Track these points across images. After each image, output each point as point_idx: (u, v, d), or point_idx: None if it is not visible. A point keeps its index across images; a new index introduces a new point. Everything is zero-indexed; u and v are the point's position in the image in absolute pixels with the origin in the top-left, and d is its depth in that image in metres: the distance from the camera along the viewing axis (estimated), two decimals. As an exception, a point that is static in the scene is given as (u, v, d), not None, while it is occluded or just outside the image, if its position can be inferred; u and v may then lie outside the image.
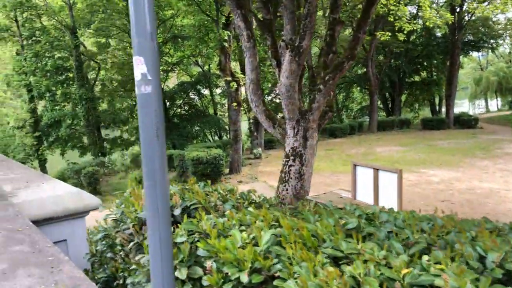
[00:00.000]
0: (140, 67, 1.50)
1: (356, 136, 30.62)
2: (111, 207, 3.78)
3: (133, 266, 2.43)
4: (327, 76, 11.43)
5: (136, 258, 2.33)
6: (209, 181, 3.50)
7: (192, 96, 31.55)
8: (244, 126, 34.65)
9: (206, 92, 32.36)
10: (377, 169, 8.09)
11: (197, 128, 29.35)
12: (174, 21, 26.99)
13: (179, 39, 28.86)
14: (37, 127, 23.37)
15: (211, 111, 32.79)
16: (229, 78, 17.36)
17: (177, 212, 2.53)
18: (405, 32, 17.16)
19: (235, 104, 17.65)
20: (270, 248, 1.87)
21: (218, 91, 32.54)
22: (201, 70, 33.28)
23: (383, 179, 8.02)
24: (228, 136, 32.57)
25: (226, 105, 32.89)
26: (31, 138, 23.01)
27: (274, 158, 22.14)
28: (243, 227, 2.21)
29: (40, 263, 2.86)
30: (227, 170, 18.14)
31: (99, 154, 23.71)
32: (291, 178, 11.62)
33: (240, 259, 1.78)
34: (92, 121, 23.14)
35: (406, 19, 17.15)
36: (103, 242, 3.44)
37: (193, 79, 32.58)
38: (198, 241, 2.15)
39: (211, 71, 33.93)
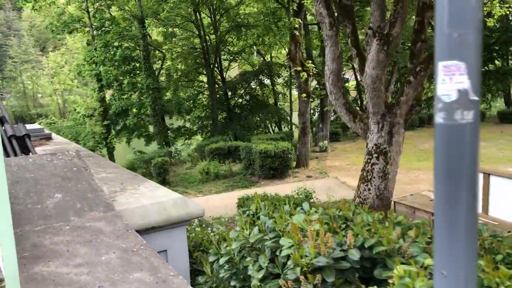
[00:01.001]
0: (456, 79, 0.87)
1: (426, 129, 28.89)
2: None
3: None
4: (419, 67, 10.47)
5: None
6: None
7: (252, 86, 31.12)
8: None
9: (267, 82, 31.81)
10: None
11: (257, 118, 28.93)
12: (238, 10, 26.55)
13: (243, 28, 28.42)
14: (106, 115, 23.94)
15: (271, 101, 32.24)
16: (299, 68, 16.62)
17: (354, 255, 1.92)
18: (495, 17, 15.55)
19: (304, 95, 16.89)
20: None
21: (280, 81, 31.88)
22: (262, 59, 32.73)
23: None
24: (289, 127, 31.86)
25: (288, 95, 32.19)
26: (100, 127, 23.64)
27: (341, 152, 21.25)
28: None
29: (168, 299, 2.39)
30: (293, 164, 17.52)
31: (164, 143, 23.93)
32: (374, 178, 10.82)
33: None
34: (158, 111, 23.35)
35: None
36: (226, 267, 2.93)
37: (254, 69, 32.10)
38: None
39: (272, 60, 33.31)
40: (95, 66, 22.99)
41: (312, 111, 34.21)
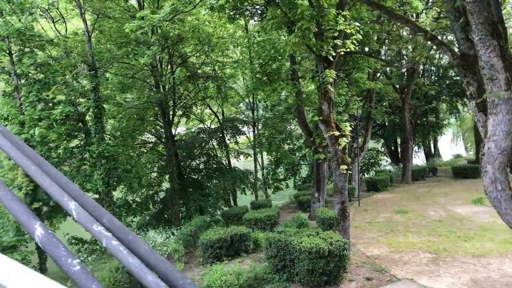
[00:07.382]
0: None
1: (397, 188, 26.71)
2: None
3: None
4: None
5: None
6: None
7: (209, 146, 26.44)
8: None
9: (227, 140, 27.37)
10: None
11: (224, 184, 24.23)
12: (208, 56, 22.34)
13: (200, 79, 24.19)
14: (36, 196, 16.97)
15: (232, 162, 27.71)
16: (336, 133, 12.84)
17: None
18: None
19: (344, 167, 13.02)
20: None
21: (241, 139, 27.78)
22: (219, 115, 28.43)
23: None
24: (252, 193, 27.25)
25: (253, 156, 27.93)
26: (28, 213, 16.34)
27: (353, 228, 17.42)
28: None
29: None
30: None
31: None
32: None
33: None
34: (112, 184, 17.37)
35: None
36: None
37: (208, 126, 27.60)
38: None
39: (224, 116, 29.17)
40: (21, 128, 16.33)
41: (269, 170, 30.22)
